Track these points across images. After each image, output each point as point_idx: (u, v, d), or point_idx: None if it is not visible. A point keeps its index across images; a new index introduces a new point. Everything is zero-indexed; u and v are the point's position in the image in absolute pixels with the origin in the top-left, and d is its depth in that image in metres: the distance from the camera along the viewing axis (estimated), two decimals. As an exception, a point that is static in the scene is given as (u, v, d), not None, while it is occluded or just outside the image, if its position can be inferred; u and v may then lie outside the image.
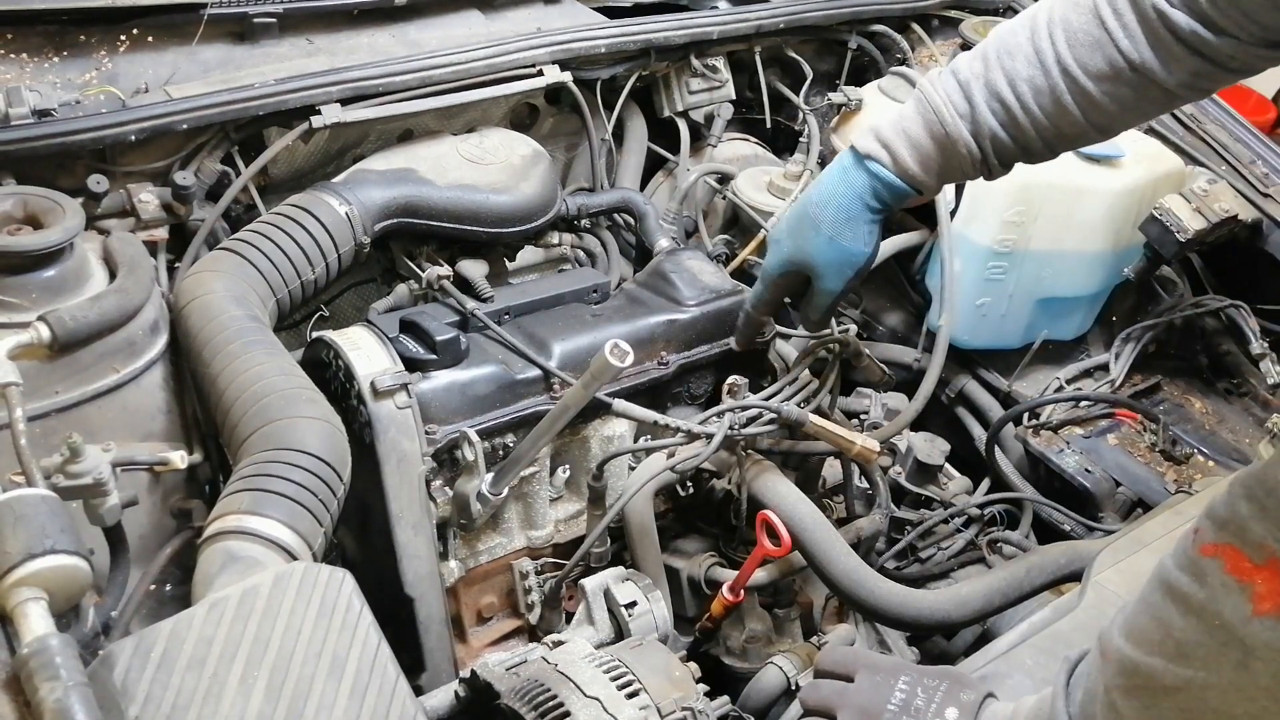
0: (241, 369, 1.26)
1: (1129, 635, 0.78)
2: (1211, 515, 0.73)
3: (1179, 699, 0.74)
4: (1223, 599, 0.69)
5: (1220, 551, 0.70)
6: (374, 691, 0.88)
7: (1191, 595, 0.72)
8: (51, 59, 1.57)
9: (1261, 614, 0.67)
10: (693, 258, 1.69)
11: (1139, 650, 0.76)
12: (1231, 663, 0.70)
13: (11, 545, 0.90)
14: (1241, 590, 0.68)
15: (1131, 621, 0.78)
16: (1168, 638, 0.74)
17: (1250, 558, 0.67)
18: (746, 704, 1.34)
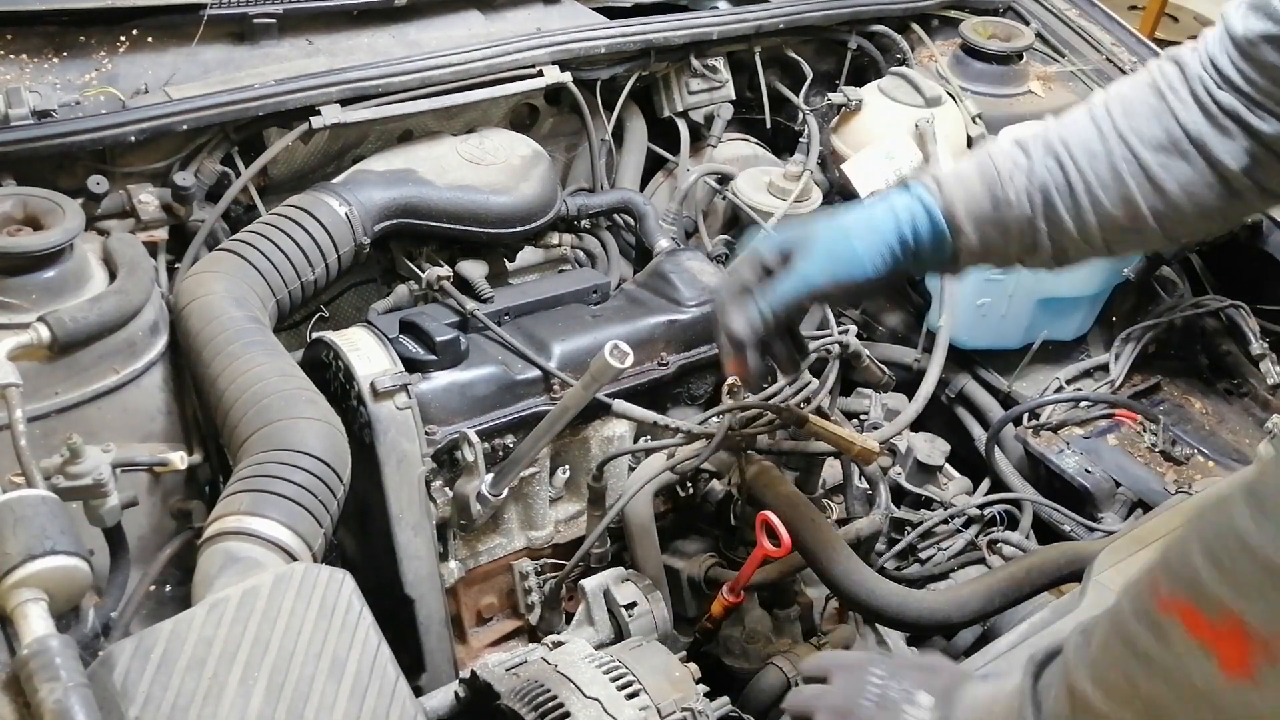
0: (241, 370, 1.26)
1: (1096, 683, 0.75)
2: (1167, 567, 0.70)
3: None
4: (1189, 663, 0.67)
5: (1178, 610, 0.67)
6: (374, 692, 0.88)
7: (1155, 656, 0.69)
8: (51, 60, 1.57)
9: (1232, 678, 0.64)
10: (692, 258, 1.69)
11: (1109, 702, 0.74)
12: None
13: (12, 546, 0.90)
14: (1206, 655, 0.65)
15: (1098, 669, 0.76)
16: (1136, 696, 0.71)
17: (1209, 621, 0.65)
18: (746, 704, 1.34)
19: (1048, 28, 2.27)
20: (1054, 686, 0.82)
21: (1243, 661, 0.63)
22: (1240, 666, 0.64)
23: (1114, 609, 0.75)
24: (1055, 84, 2.17)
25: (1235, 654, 0.64)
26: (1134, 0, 4.42)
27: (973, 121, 2.08)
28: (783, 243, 1.18)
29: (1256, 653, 0.63)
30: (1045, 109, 2.09)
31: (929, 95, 2.03)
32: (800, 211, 1.91)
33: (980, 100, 2.11)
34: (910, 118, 2.00)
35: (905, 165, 1.96)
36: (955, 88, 2.10)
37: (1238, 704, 0.65)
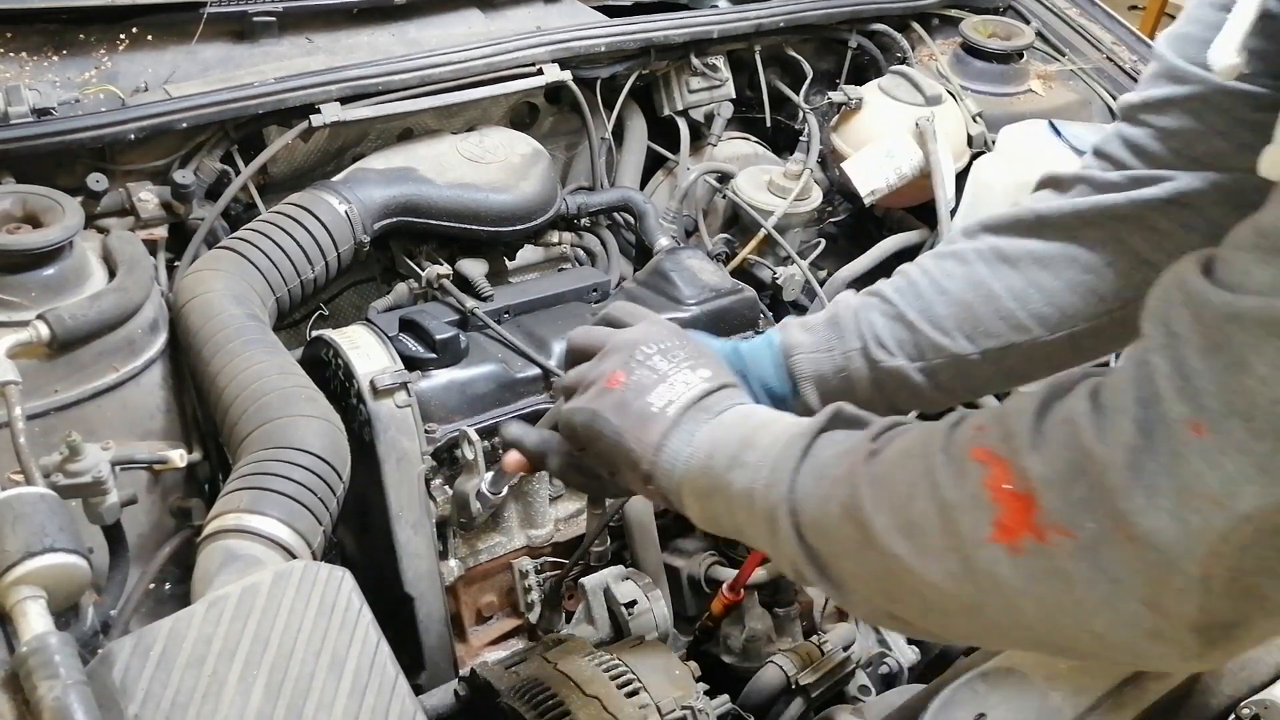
0: (241, 368, 1.26)
1: (876, 480, 0.73)
2: (1002, 421, 0.69)
3: (886, 562, 0.72)
4: (969, 509, 0.66)
5: (991, 461, 0.66)
6: (373, 690, 0.88)
7: (943, 488, 0.68)
8: (51, 58, 1.57)
9: (995, 541, 0.65)
10: (693, 257, 1.69)
11: (876, 496, 0.73)
12: (946, 570, 0.68)
13: (10, 544, 0.90)
14: (989, 509, 0.65)
15: (890, 466, 0.74)
16: (904, 509, 0.71)
17: (1014, 483, 0.64)
18: (746, 703, 1.34)
19: (1048, 27, 2.27)
20: (830, 456, 0.79)
21: (1016, 530, 0.64)
22: (1011, 533, 0.64)
23: (931, 430, 0.73)
24: (1055, 83, 2.17)
25: (1014, 521, 0.64)
26: (1134, 0, 4.43)
27: (973, 120, 2.08)
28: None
29: (1032, 530, 0.63)
30: (1045, 108, 2.09)
31: (929, 94, 2.03)
32: (801, 210, 1.91)
33: (980, 99, 2.11)
34: (910, 116, 2.00)
35: (905, 164, 1.96)
36: (955, 86, 2.10)
37: (985, 563, 0.65)
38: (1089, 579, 0.61)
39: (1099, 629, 0.63)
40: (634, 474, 0.91)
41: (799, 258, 1.89)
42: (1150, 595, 0.60)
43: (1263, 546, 0.57)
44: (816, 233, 2.13)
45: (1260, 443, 0.56)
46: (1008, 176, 1.89)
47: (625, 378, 0.92)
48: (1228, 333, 0.58)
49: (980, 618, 0.69)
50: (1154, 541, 0.59)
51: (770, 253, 1.91)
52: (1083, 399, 0.64)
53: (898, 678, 1.48)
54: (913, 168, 1.96)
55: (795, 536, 0.79)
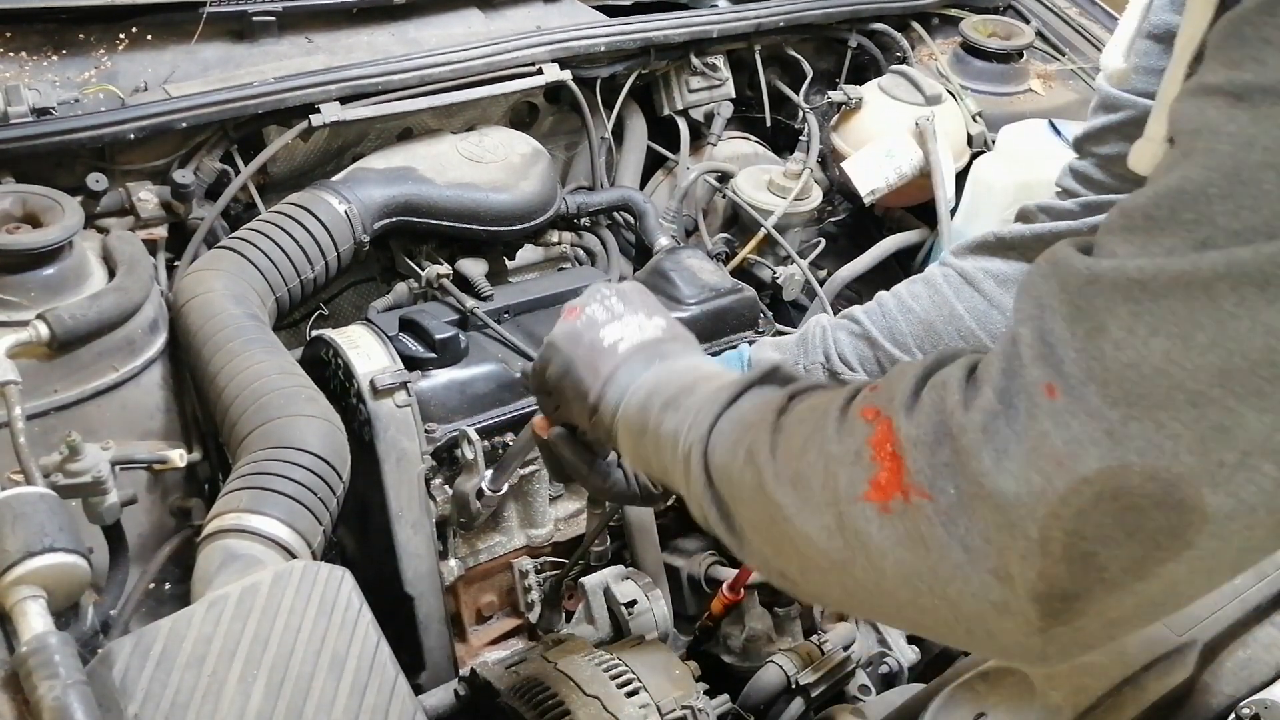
0: (241, 367, 1.26)
1: (780, 429, 0.74)
2: (890, 381, 0.69)
3: (772, 510, 0.72)
4: (849, 466, 0.67)
5: (878, 421, 0.67)
6: (373, 690, 0.88)
7: (830, 442, 0.69)
8: (50, 57, 1.57)
9: (867, 499, 0.65)
10: (692, 256, 1.68)
11: (775, 444, 0.73)
12: (821, 524, 0.69)
13: (10, 543, 0.90)
14: (868, 468, 0.65)
15: (796, 419, 0.74)
16: (796, 459, 0.71)
17: (892, 444, 0.65)
18: (746, 702, 1.33)
19: (1048, 26, 2.27)
20: (750, 405, 0.80)
21: (888, 491, 0.64)
22: (884, 493, 0.64)
23: (841, 389, 0.74)
24: (1055, 82, 2.17)
25: (889, 481, 0.64)
26: None
27: (973, 120, 2.08)
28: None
29: (901, 492, 0.63)
30: (1045, 107, 2.10)
31: (929, 93, 2.03)
32: (801, 210, 1.91)
33: (980, 98, 2.11)
34: (910, 116, 2.00)
35: (905, 163, 1.97)
36: (955, 86, 2.10)
37: (856, 520, 0.66)
38: (944, 544, 0.62)
39: (952, 596, 0.63)
40: (580, 405, 0.93)
41: (799, 257, 1.89)
42: (998, 564, 0.60)
43: (1101, 512, 0.57)
44: (816, 232, 2.13)
45: (1112, 409, 0.56)
46: (1008, 176, 1.89)
47: (582, 311, 0.96)
48: (1087, 296, 0.58)
49: (848, 577, 0.69)
50: (998, 502, 0.59)
51: (770, 252, 1.91)
52: (960, 368, 0.65)
53: (898, 678, 1.48)
54: (913, 167, 1.96)
55: (704, 479, 0.80)
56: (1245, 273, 0.53)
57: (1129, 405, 0.56)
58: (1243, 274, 0.53)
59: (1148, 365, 0.55)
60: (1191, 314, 0.54)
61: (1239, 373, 0.53)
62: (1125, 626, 0.62)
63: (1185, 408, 0.55)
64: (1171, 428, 0.55)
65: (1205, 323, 0.54)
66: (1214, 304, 0.54)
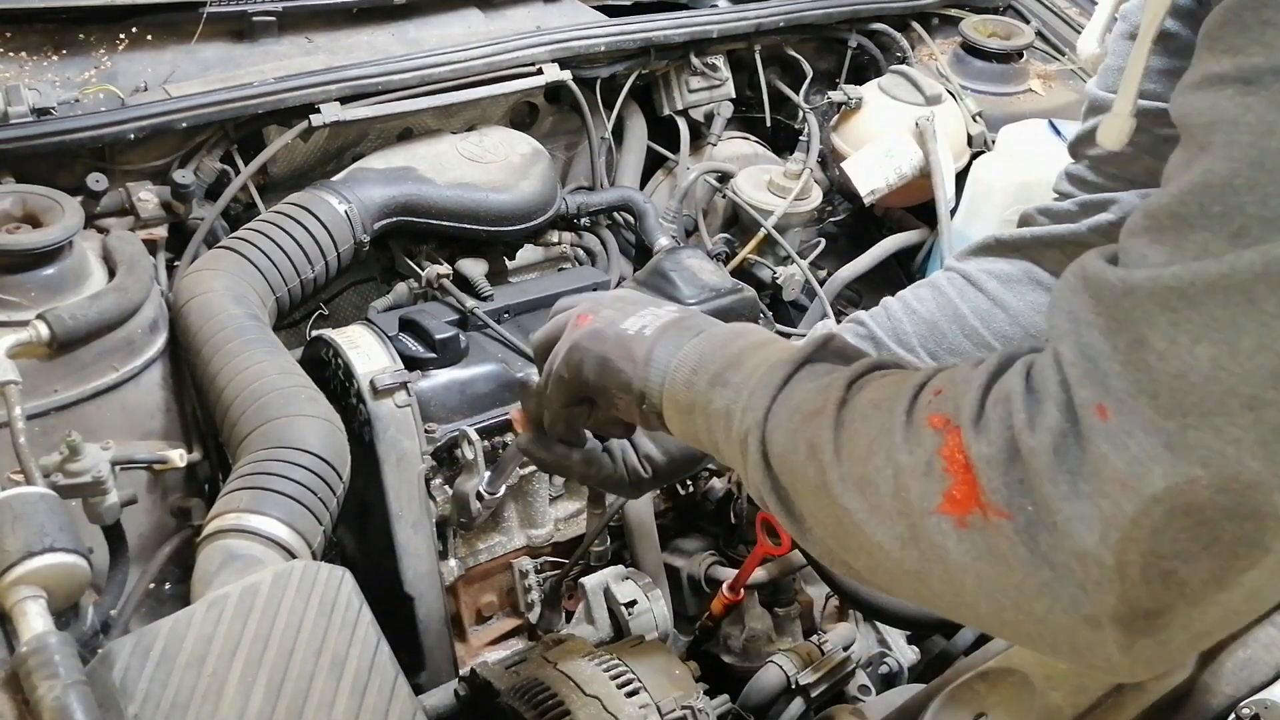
0: (241, 367, 1.26)
1: (842, 426, 0.72)
2: (954, 387, 0.67)
3: (839, 513, 0.71)
4: (921, 477, 0.65)
5: (946, 430, 0.65)
6: (374, 690, 0.88)
7: (899, 451, 0.67)
8: (50, 57, 1.57)
9: (943, 512, 0.64)
10: (692, 256, 1.68)
11: (838, 444, 0.72)
12: (894, 534, 0.67)
13: (10, 543, 0.90)
14: (941, 480, 0.64)
15: (857, 416, 0.72)
16: (862, 463, 0.70)
17: (965, 455, 0.63)
18: (746, 702, 1.33)
19: (1048, 26, 2.27)
20: (807, 390, 0.78)
21: (966, 504, 0.63)
22: (960, 506, 0.63)
23: (900, 385, 0.72)
24: (1055, 82, 2.17)
25: (964, 495, 0.63)
26: None
27: (973, 120, 2.08)
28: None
29: (979, 507, 0.62)
30: (1045, 107, 2.10)
31: (929, 93, 2.03)
32: (801, 210, 1.91)
33: (980, 98, 2.11)
34: (910, 116, 2.00)
35: (905, 163, 1.97)
36: (955, 86, 2.10)
37: (932, 534, 0.65)
38: (1028, 562, 0.61)
39: (1039, 613, 0.62)
40: (627, 396, 0.90)
41: (799, 257, 1.89)
42: (1084, 580, 0.59)
43: (1175, 529, 0.56)
44: (816, 232, 2.13)
45: (1167, 420, 0.55)
46: (1008, 176, 1.89)
47: (593, 315, 0.94)
48: (1125, 309, 0.57)
49: (924, 586, 0.68)
50: (1070, 529, 0.58)
51: (770, 252, 1.91)
52: (1019, 379, 0.63)
53: (898, 678, 1.48)
54: (913, 167, 1.96)
55: (763, 465, 0.78)
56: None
57: (1184, 415, 0.55)
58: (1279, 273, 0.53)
59: (1196, 374, 0.54)
60: (1233, 319, 0.54)
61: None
62: (1210, 637, 0.61)
63: (1242, 412, 0.54)
64: (1231, 433, 0.54)
65: (1249, 326, 0.53)
66: (1255, 306, 0.53)
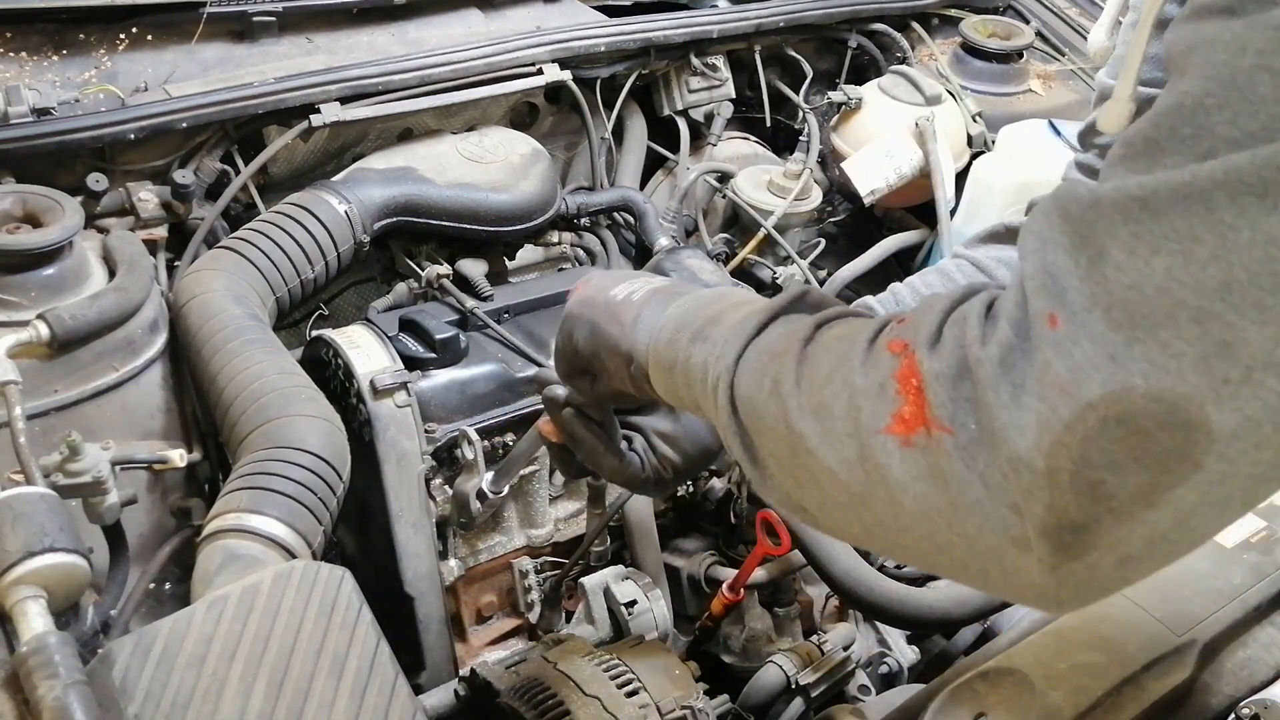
0: (241, 367, 1.26)
1: (806, 359, 0.73)
2: (917, 314, 0.67)
3: (794, 440, 0.71)
4: (874, 398, 0.65)
5: (904, 354, 0.65)
6: (374, 690, 0.88)
7: (855, 374, 0.67)
8: (51, 57, 1.57)
9: (890, 432, 0.64)
10: (692, 256, 1.68)
11: (799, 375, 0.72)
12: (841, 456, 0.68)
13: (10, 543, 0.90)
14: (892, 401, 0.64)
15: (821, 349, 0.73)
16: (819, 389, 0.70)
17: (917, 378, 0.63)
18: (746, 702, 1.33)
19: (1048, 26, 2.27)
20: (778, 334, 0.78)
21: (912, 425, 0.63)
22: (907, 426, 0.63)
23: (868, 320, 0.73)
24: (1055, 82, 2.17)
25: (913, 415, 0.63)
26: None
27: (973, 120, 2.08)
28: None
29: (924, 425, 0.63)
30: (1045, 108, 2.10)
31: (929, 94, 2.03)
32: (800, 210, 1.91)
33: (980, 99, 2.11)
34: (910, 116, 2.00)
35: (905, 163, 1.97)
36: (955, 86, 2.10)
37: (877, 453, 0.65)
38: (963, 479, 0.61)
39: (970, 532, 0.62)
40: (616, 359, 0.91)
41: (799, 257, 1.89)
42: (1015, 500, 0.59)
43: (1107, 438, 0.55)
44: (816, 232, 2.13)
45: (1115, 333, 0.55)
46: (1008, 176, 1.89)
47: (584, 285, 0.97)
48: (1089, 221, 0.57)
49: (867, 511, 0.68)
50: (1006, 435, 0.58)
51: (770, 252, 1.91)
52: (980, 302, 0.64)
53: (898, 678, 1.48)
54: (913, 167, 1.96)
55: (730, 409, 0.78)
56: (1243, 180, 0.52)
57: (1132, 328, 0.55)
58: (1240, 182, 0.52)
59: (1150, 285, 0.54)
60: (1191, 228, 0.53)
61: (1240, 285, 0.52)
62: (1139, 565, 0.61)
63: (1188, 325, 0.53)
64: (1175, 347, 0.54)
65: (1205, 236, 0.53)
66: (1213, 215, 0.52)
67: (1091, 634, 1.09)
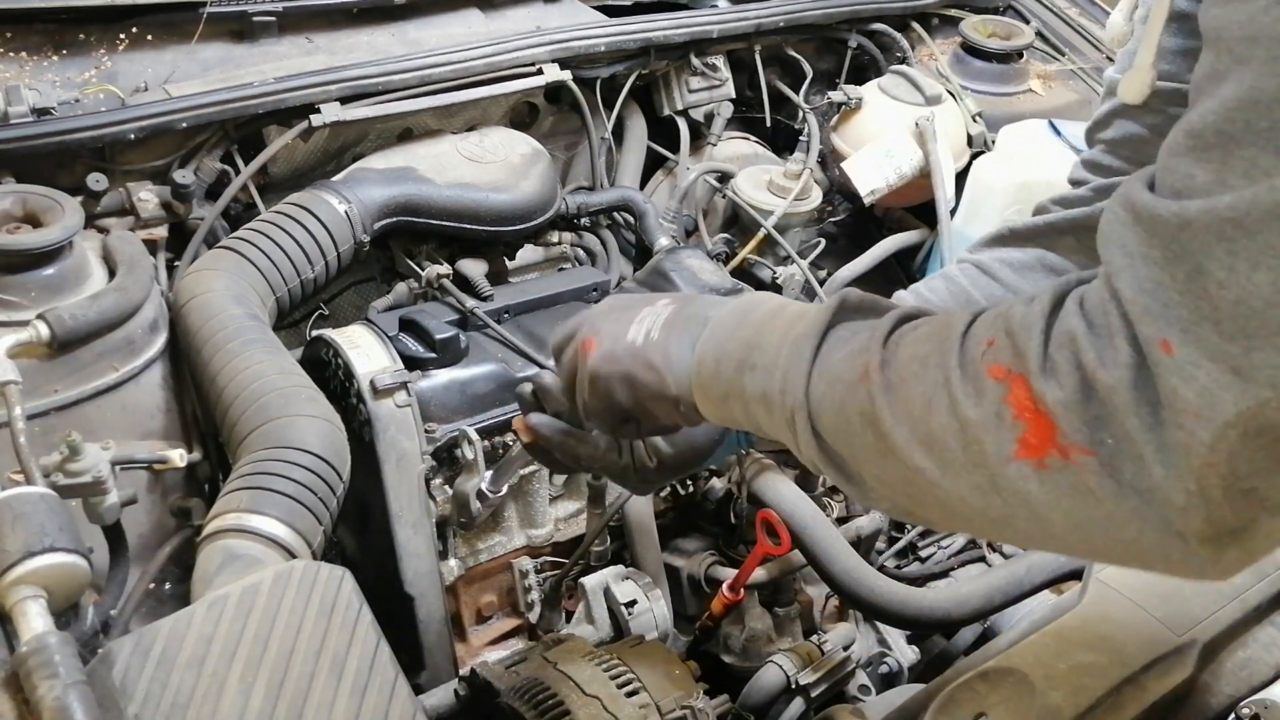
0: (241, 367, 1.26)
1: (891, 388, 0.72)
2: (1011, 337, 0.67)
3: (909, 473, 0.71)
4: (992, 428, 0.66)
5: (1008, 379, 0.65)
6: (374, 690, 0.88)
7: (963, 405, 0.67)
8: (51, 57, 1.57)
9: (1020, 459, 0.65)
10: (692, 256, 1.68)
11: (893, 406, 0.71)
12: (972, 485, 0.68)
13: (10, 543, 0.90)
14: (1013, 428, 0.65)
15: (904, 375, 0.72)
16: (924, 422, 0.70)
17: (1033, 399, 0.64)
18: (746, 702, 1.33)
19: (1048, 26, 2.27)
20: (841, 358, 0.77)
21: (1042, 447, 0.64)
22: (1036, 451, 0.64)
23: (942, 336, 0.71)
24: (1055, 82, 2.17)
25: (1039, 438, 0.64)
26: None
27: (973, 120, 2.08)
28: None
29: (1056, 446, 0.63)
30: (1045, 108, 2.10)
31: (929, 94, 2.03)
32: (800, 210, 1.91)
33: (980, 99, 2.11)
34: (910, 116, 2.00)
35: (905, 163, 1.97)
36: (955, 86, 2.10)
37: (1013, 481, 0.66)
38: (1116, 493, 0.62)
39: (1131, 536, 0.63)
40: (663, 405, 0.91)
41: (799, 257, 1.89)
42: (1171, 513, 0.61)
43: (1250, 449, 0.57)
44: (816, 232, 2.13)
45: (1231, 345, 0.56)
46: (1008, 176, 1.89)
47: (596, 338, 0.94)
48: (1181, 241, 0.58)
49: (1008, 529, 0.69)
50: (1154, 459, 0.60)
51: (770, 252, 1.91)
52: (1077, 319, 0.64)
53: (898, 678, 1.48)
54: (913, 167, 1.96)
55: (814, 440, 0.78)
56: None
57: (1248, 338, 0.56)
58: None
59: (1257, 299, 0.55)
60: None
61: None
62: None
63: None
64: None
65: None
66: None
67: (1091, 634, 1.09)
